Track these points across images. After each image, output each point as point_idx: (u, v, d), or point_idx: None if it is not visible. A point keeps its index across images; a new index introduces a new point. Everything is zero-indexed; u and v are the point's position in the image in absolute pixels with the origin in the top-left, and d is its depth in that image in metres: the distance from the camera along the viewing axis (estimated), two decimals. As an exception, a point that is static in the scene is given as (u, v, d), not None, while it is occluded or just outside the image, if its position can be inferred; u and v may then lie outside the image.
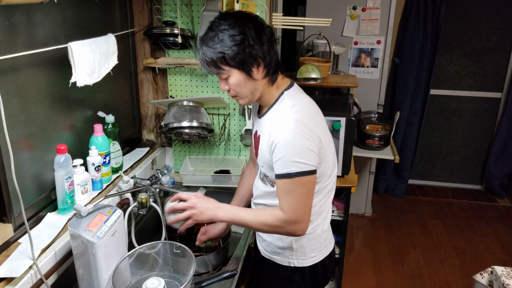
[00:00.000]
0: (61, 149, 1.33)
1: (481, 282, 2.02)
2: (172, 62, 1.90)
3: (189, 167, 2.05)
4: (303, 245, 1.38)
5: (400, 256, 3.13)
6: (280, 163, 1.19)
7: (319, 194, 1.34)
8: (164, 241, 1.48)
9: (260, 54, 1.18)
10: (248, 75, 1.20)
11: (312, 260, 1.41)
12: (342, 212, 2.46)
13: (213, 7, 1.76)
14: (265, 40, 1.19)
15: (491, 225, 3.55)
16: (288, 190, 1.21)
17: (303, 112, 1.21)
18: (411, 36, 3.49)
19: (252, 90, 1.24)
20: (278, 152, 1.18)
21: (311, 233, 1.38)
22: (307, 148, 1.18)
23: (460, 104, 3.93)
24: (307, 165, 1.18)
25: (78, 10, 1.49)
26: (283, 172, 1.19)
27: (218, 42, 1.15)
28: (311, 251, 1.40)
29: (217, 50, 1.16)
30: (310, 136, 1.18)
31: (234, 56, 1.15)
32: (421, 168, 4.19)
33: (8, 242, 1.22)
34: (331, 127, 2.15)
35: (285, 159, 1.17)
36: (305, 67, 2.46)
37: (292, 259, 1.40)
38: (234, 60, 1.16)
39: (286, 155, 1.17)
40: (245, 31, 1.15)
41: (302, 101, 1.27)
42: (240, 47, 1.15)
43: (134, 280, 1.31)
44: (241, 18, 1.17)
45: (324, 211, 1.40)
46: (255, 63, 1.18)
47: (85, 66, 1.36)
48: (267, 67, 1.21)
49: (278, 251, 1.42)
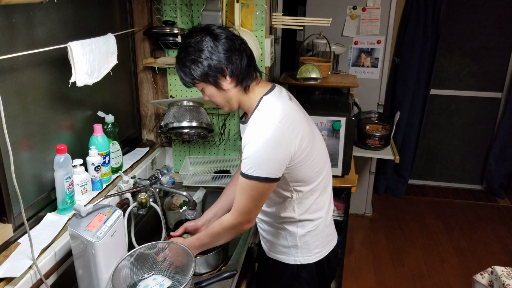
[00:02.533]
0: (61, 149, 1.33)
1: (481, 282, 2.02)
2: (172, 62, 1.90)
3: (189, 167, 2.05)
4: (308, 241, 1.40)
5: (400, 256, 3.13)
6: (244, 161, 1.21)
7: (314, 193, 1.35)
8: (164, 241, 1.47)
9: (221, 65, 1.21)
10: (217, 87, 1.24)
11: (318, 256, 1.43)
12: (342, 212, 2.46)
13: (213, 6, 1.76)
14: (222, 50, 1.21)
15: (491, 225, 3.55)
16: (242, 189, 1.24)
17: (278, 116, 1.20)
18: (411, 36, 3.49)
19: (226, 99, 1.27)
20: (246, 151, 1.20)
21: (314, 230, 1.39)
22: (273, 157, 1.19)
23: (460, 104, 3.93)
24: (268, 172, 1.19)
25: (77, 10, 1.49)
26: (244, 171, 1.22)
27: (183, 59, 1.23)
28: (315, 247, 1.42)
29: (185, 66, 1.23)
30: (280, 145, 1.19)
31: (197, 72, 1.22)
32: (421, 168, 4.19)
33: (7, 242, 1.22)
34: (331, 127, 2.15)
35: (249, 160, 1.20)
36: (305, 67, 2.46)
37: (298, 256, 1.41)
38: (199, 76, 1.22)
39: (251, 157, 1.19)
40: (201, 46, 1.20)
41: (279, 105, 1.24)
42: (199, 62, 1.21)
43: (133, 280, 1.31)
44: (198, 33, 1.22)
45: (324, 206, 1.41)
46: (219, 74, 1.22)
47: (84, 66, 1.36)
48: (234, 76, 1.23)
49: (284, 250, 1.42)
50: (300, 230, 1.38)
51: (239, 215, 1.27)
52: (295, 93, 1.42)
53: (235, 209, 1.28)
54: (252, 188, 1.22)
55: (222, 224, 1.32)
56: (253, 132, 1.19)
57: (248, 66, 1.26)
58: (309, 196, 1.35)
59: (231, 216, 1.30)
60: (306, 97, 2.49)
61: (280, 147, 1.19)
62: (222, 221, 1.32)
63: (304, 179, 1.30)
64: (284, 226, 1.39)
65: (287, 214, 1.36)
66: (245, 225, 1.30)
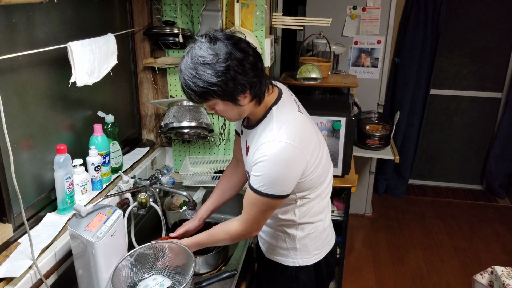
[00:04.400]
0: (61, 149, 1.33)
1: (481, 282, 2.02)
2: (172, 62, 1.90)
3: (189, 167, 2.05)
4: (307, 244, 1.39)
5: (400, 256, 3.13)
6: (256, 178, 1.19)
7: (317, 198, 1.35)
8: (164, 241, 1.47)
9: (246, 84, 1.12)
10: (234, 103, 1.15)
11: (316, 257, 1.43)
12: (342, 212, 2.46)
13: (213, 6, 1.76)
14: (249, 69, 1.11)
15: (491, 225, 3.55)
16: (252, 203, 1.23)
17: (291, 135, 1.16)
18: (411, 36, 3.49)
19: (239, 113, 1.21)
20: (259, 168, 1.17)
21: (313, 232, 1.39)
22: (287, 176, 1.18)
23: (460, 104, 3.93)
24: (280, 190, 1.19)
25: (77, 10, 1.49)
26: (255, 187, 1.19)
27: (198, 77, 1.09)
28: (314, 249, 1.41)
29: (200, 85, 1.10)
30: (294, 164, 1.18)
31: (218, 91, 1.10)
32: (421, 168, 4.19)
33: (7, 242, 1.22)
34: (331, 127, 2.15)
35: (262, 178, 1.17)
36: (305, 67, 2.46)
37: (297, 258, 1.41)
38: (218, 94, 1.11)
39: (264, 176, 1.17)
40: (227, 65, 1.07)
41: (290, 119, 1.22)
42: (223, 82, 1.08)
43: (133, 280, 1.31)
44: (223, 47, 1.09)
45: (324, 209, 1.41)
46: (240, 93, 1.13)
47: (84, 66, 1.36)
48: (253, 94, 1.16)
49: (282, 252, 1.42)
50: (300, 233, 1.38)
51: (249, 225, 1.27)
52: (295, 93, 1.42)
53: (244, 220, 1.27)
54: (263, 204, 1.21)
55: (229, 232, 1.31)
56: (266, 151, 1.15)
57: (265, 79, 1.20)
58: (312, 202, 1.35)
59: (240, 226, 1.28)
60: (306, 97, 2.49)
61: (293, 166, 1.18)
62: (229, 229, 1.31)
63: (309, 188, 1.30)
64: (283, 229, 1.39)
65: (288, 217, 1.36)
66: (253, 233, 1.30)
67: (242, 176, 1.55)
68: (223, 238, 1.33)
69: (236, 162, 1.57)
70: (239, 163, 1.55)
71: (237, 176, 1.56)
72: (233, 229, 1.30)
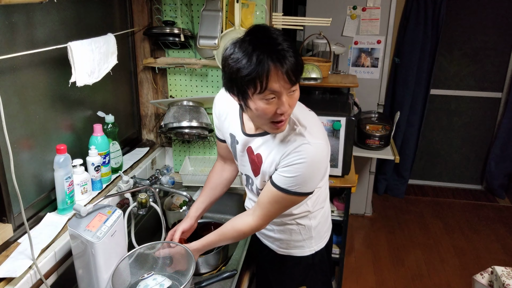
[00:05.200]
0: (61, 149, 1.33)
1: (481, 282, 2.02)
2: (172, 62, 1.90)
3: (189, 167, 2.05)
4: (320, 230, 1.45)
5: (400, 256, 3.13)
6: (288, 179, 1.17)
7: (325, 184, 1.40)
8: (164, 241, 1.47)
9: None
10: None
11: (326, 238, 1.50)
12: (342, 212, 2.46)
13: (213, 6, 1.76)
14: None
15: (491, 225, 3.55)
16: (275, 201, 1.22)
17: (320, 132, 1.19)
18: (411, 36, 3.49)
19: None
20: (295, 170, 1.15)
21: (323, 216, 1.45)
22: (318, 174, 1.21)
23: (460, 104, 3.93)
24: (310, 188, 1.22)
25: (77, 10, 1.49)
26: (284, 187, 1.18)
27: (296, 53, 1.05)
28: (325, 232, 1.49)
29: (299, 61, 1.06)
30: (326, 161, 1.23)
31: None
32: (421, 168, 4.19)
33: (7, 242, 1.22)
34: (331, 127, 2.15)
35: (297, 179, 1.16)
36: (305, 67, 2.46)
37: (312, 246, 1.45)
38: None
39: (299, 177, 1.16)
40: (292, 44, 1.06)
41: (308, 118, 1.22)
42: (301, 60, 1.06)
43: (133, 280, 1.31)
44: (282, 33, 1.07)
45: (328, 195, 1.48)
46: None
47: (84, 66, 1.36)
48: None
49: (298, 244, 1.44)
50: (313, 222, 1.41)
51: (264, 221, 1.28)
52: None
53: (261, 216, 1.27)
54: (288, 201, 1.23)
55: (241, 230, 1.31)
56: (303, 153, 1.14)
57: None
58: (321, 189, 1.38)
59: (255, 222, 1.28)
60: (306, 97, 2.49)
61: (325, 163, 1.23)
62: (242, 226, 1.31)
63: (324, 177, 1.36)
64: (297, 221, 1.40)
65: (302, 209, 1.37)
66: (263, 227, 1.32)
67: (232, 172, 1.57)
68: (235, 236, 1.34)
69: (223, 160, 1.57)
70: (226, 161, 1.56)
71: (227, 172, 1.57)
72: (245, 225, 1.30)
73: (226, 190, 1.59)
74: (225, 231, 1.35)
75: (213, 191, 1.55)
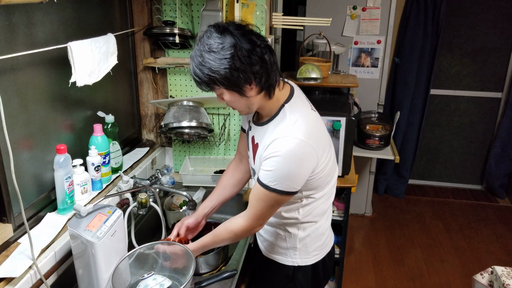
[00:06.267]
0: (61, 149, 1.33)
1: (481, 282, 2.02)
2: (172, 62, 1.90)
3: (189, 167, 2.05)
4: (307, 244, 1.39)
5: (400, 256, 3.13)
6: (266, 173, 1.19)
7: (322, 198, 1.35)
8: (164, 241, 1.47)
9: (251, 75, 1.12)
10: (240, 94, 1.16)
11: (315, 258, 1.43)
12: (342, 212, 2.46)
13: (213, 6, 1.76)
14: (256, 61, 1.11)
15: (491, 225, 3.55)
16: (259, 198, 1.22)
17: (304, 131, 1.17)
18: (411, 36, 3.49)
19: (247, 105, 1.21)
20: (271, 163, 1.17)
21: (315, 232, 1.39)
22: (297, 173, 1.18)
23: (460, 104, 3.93)
24: (289, 187, 1.19)
25: (77, 10, 1.49)
26: (265, 182, 1.19)
27: (204, 64, 1.10)
28: (314, 250, 1.41)
29: (204, 72, 1.11)
30: (305, 161, 1.18)
31: (222, 79, 1.11)
32: (421, 168, 4.19)
33: (7, 242, 1.22)
34: (331, 127, 2.15)
35: (272, 174, 1.17)
36: (305, 67, 2.46)
37: (296, 258, 1.41)
38: (223, 83, 1.12)
39: (275, 171, 1.17)
40: (232, 53, 1.08)
41: (303, 115, 1.22)
42: (227, 71, 1.09)
43: (133, 280, 1.31)
44: (229, 37, 1.10)
45: (327, 211, 1.42)
46: (246, 84, 1.13)
47: (84, 66, 1.36)
48: (260, 85, 1.15)
49: (281, 251, 1.42)
50: (301, 233, 1.38)
51: (254, 221, 1.27)
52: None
53: (250, 215, 1.27)
54: (271, 199, 1.22)
55: (233, 230, 1.30)
56: (279, 146, 1.15)
57: (274, 73, 1.18)
58: (317, 201, 1.35)
59: (245, 222, 1.28)
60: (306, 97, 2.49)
61: (304, 163, 1.18)
62: (234, 227, 1.30)
63: (316, 187, 1.30)
64: (285, 228, 1.39)
65: (291, 215, 1.35)
66: (257, 229, 1.30)
67: (245, 173, 1.55)
68: (228, 237, 1.32)
69: (240, 158, 1.56)
70: (242, 160, 1.54)
71: (239, 173, 1.55)
72: (237, 226, 1.30)
73: (237, 191, 1.57)
74: (219, 232, 1.34)
75: (223, 191, 1.55)
